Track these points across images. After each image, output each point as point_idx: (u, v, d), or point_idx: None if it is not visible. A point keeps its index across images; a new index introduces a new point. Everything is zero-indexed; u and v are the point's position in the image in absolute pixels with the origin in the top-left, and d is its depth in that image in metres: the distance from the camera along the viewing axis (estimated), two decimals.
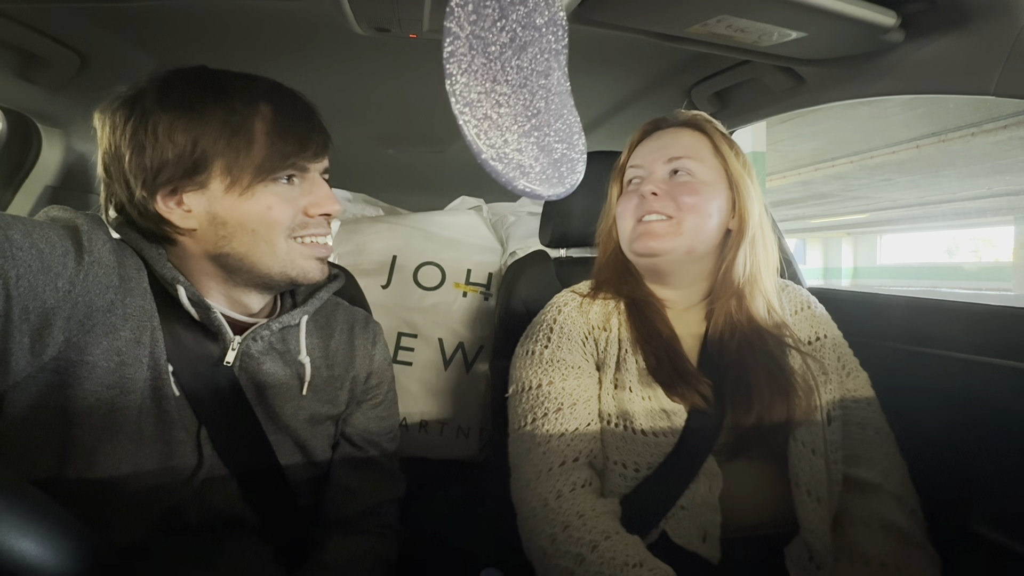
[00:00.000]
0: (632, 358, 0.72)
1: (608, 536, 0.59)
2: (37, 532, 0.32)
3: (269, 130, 0.59)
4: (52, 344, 0.50)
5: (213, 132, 0.56)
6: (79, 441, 0.52)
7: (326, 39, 0.95)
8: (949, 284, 12.16)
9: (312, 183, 0.63)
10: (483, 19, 0.46)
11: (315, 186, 0.63)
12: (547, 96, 0.49)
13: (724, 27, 0.67)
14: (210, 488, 0.60)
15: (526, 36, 0.47)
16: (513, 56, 0.47)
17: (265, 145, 0.58)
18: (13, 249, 0.45)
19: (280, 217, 0.60)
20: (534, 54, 0.48)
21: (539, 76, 0.48)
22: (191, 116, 0.56)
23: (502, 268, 1.24)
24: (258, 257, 0.60)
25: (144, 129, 0.56)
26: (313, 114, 0.64)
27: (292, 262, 0.62)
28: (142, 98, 0.57)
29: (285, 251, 0.61)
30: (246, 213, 0.58)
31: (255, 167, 0.58)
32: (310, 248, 0.63)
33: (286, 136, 0.59)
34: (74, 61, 0.89)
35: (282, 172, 0.60)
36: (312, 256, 0.64)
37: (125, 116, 0.57)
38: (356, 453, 0.74)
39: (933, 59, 0.68)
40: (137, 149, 0.56)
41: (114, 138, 0.57)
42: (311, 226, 0.63)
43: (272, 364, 0.65)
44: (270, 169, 0.58)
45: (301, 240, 0.63)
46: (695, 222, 0.72)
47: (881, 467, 0.70)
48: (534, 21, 0.47)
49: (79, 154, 1.10)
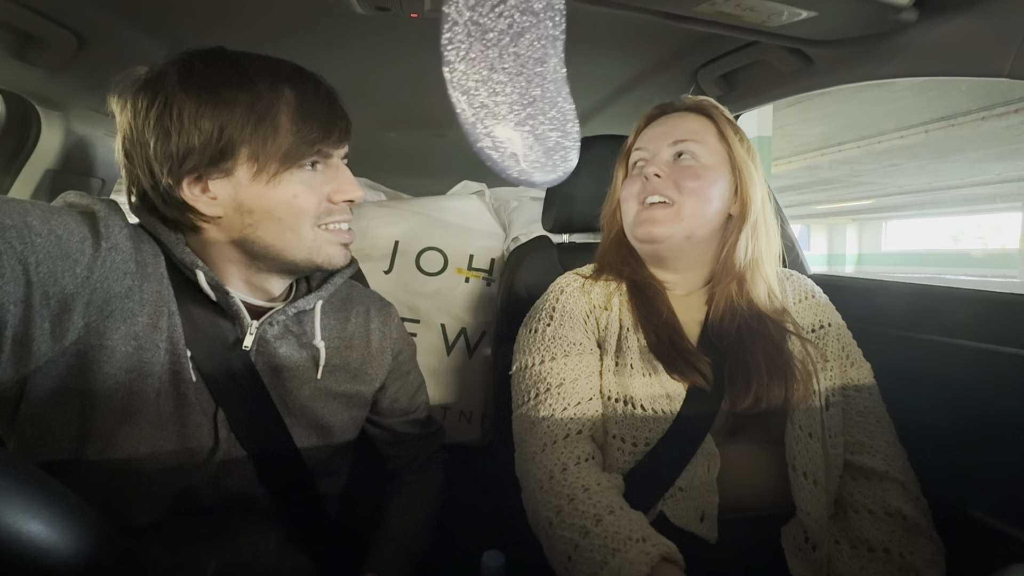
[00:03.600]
0: (633, 336, 0.73)
1: (612, 511, 0.60)
2: (45, 515, 0.32)
3: (294, 116, 0.58)
4: (72, 329, 0.50)
5: (240, 118, 0.55)
6: (98, 423, 0.53)
7: (326, 19, 0.94)
8: (954, 271, 12.08)
9: (335, 169, 0.63)
10: (482, 2, 0.45)
11: (338, 172, 0.63)
12: (543, 84, 0.48)
13: (732, 6, 0.66)
14: (226, 470, 0.61)
15: (523, 22, 0.47)
16: (510, 43, 0.47)
17: (291, 132, 0.57)
18: (32, 236, 0.45)
19: (306, 205, 0.60)
20: (531, 41, 0.47)
21: (535, 64, 0.48)
22: (216, 101, 0.55)
23: (504, 253, 1.23)
24: (284, 244, 0.61)
25: (169, 115, 0.54)
26: (335, 99, 0.63)
27: (318, 249, 0.62)
28: (164, 81, 0.55)
29: (311, 239, 0.61)
30: (273, 201, 0.58)
31: (282, 154, 0.57)
32: (335, 235, 0.64)
33: (310, 122, 0.58)
34: (72, 42, 0.88)
35: (307, 159, 0.59)
36: (337, 242, 0.64)
37: (147, 100, 0.55)
38: (395, 425, 0.81)
39: (947, 39, 0.67)
40: (163, 135, 0.55)
41: (136, 123, 0.56)
42: (335, 212, 0.63)
43: (288, 348, 0.66)
44: (297, 156, 0.58)
45: (326, 227, 0.63)
46: (696, 207, 0.72)
47: (884, 454, 0.71)
48: (532, 7, 0.47)
49: (79, 136, 1.09)
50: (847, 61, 0.82)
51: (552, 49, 0.48)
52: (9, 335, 0.45)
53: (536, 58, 0.48)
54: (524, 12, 0.47)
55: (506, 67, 0.47)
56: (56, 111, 1.03)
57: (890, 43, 0.73)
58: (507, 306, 0.98)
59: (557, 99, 0.50)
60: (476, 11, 0.46)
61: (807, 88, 0.94)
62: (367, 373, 0.74)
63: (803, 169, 7.88)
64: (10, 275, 0.43)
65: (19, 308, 0.45)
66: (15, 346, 0.46)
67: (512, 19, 0.47)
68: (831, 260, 15.29)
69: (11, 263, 0.43)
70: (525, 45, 0.47)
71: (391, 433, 0.82)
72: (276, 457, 0.64)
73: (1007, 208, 11.03)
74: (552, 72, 0.49)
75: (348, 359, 0.72)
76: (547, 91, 0.49)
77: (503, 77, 0.47)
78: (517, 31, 0.47)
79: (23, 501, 0.32)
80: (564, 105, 0.50)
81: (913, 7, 0.65)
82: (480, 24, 0.46)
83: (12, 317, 0.44)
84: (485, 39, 0.46)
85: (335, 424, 0.70)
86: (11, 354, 0.46)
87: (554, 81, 0.49)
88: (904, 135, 5.90)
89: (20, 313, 0.45)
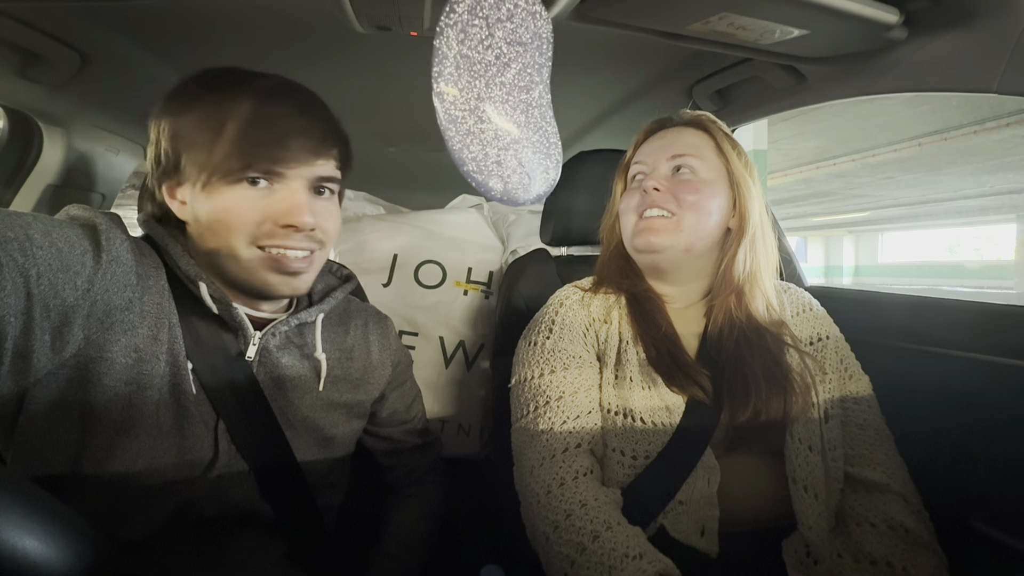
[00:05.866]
0: (633, 349, 0.73)
1: (610, 526, 0.60)
2: (40, 530, 0.32)
3: (243, 131, 0.56)
4: (72, 341, 0.50)
5: (189, 128, 0.58)
6: (97, 436, 0.53)
7: (327, 37, 0.95)
8: (951, 282, 12.13)
9: (291, 191, 0.58)
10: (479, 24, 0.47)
11: (293, 194, 0.58)
12: (528, 111, 0.50)
13: (726, 24, 0.67)
14: (226, 482, 0.61)
15: (511, 53, 0.48)
16: (498, 74, 0.48)
17: (233, 143, 0.56)
18: (34, 248, 0.45)
19: (237, 220, 0.57)
20: (518, 70, 0.49)
21: (521, 91, 0.49)
22: (182, 111, 0.58)
23: (503, 266, 1.24)
24: (223, 259, 0.59)
25: (157, 125, 0.60)
26: (309, 116, 0.59)
27: (254, 271, 0.59)
28: (165, 97, 0.61)
29: (247, 257, 0.58)
30: (208, 211, 0.58)
31: (215, 164, 0.56)
32: (275, 260, 0.59)
33: (260, 138, 0.56)
34: (75, 60, 0.89)
35: (246, 173, 0.56)
36: (276, 269, 0.59)
37: (155, 114, 0.61)
38: (393, 435, 0.82)
39: (936, 56, 0.68)
40: (153, 144, 0.60)
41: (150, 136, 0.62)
42: (278, 236, 0.58)
43: (290, 359, 0.66)
44: (233, 169, 0.56)
45: (267, 250, 0.59)
46: (695, 220, 0.72)
47: (884, 467, 0.70)
48: (519, 37, 0.48)
49: (80, 152, 1.10)
50: (839, 77, 0.83)
51: (533, 81, 0.50)
52: (9, 347, 0.45)
53: (520, 87, 0.50)
54: (509, 43, 0.48)
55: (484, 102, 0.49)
56: (58, 127, 1.04)
57: (881, 60, 0.75)
58: (505, 319, 0.98)
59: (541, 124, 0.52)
60: None
61: (800, 103, 0.96)
62: (368, 383, 0.75)
63: (799, 182, 7.95)
64: (11, 287, 0.43)
65: (20, 320, 0.45)
66: (15, 359, 0.46)
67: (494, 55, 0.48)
68: (828, 272, 15.34)
69: (12, 275, 0.43)
70: (505, 80, 0.49)
71: (389, 442, 0.82)
72: (276, 469, 0.64)
73: (1001, 220, 11.12)
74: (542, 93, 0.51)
75: (349, 370, 0.72)
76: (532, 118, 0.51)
77: (488, 108, 0.49)
78: (501, 63, 0.49)
79: (19, 516, 0.32)
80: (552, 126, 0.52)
81: (903, 25, 0.67)
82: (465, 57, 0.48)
83: (12, 329, 0.44)
84: (469, 73, 0.48)
85: (335, 436, 0.70)
86: (11, 367, 0.46)
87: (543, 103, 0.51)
88: (898, 148, 5.96)
89: (20, 325, 0.45)
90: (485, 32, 0.47)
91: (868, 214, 11.53)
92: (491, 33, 0.47)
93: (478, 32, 0.47)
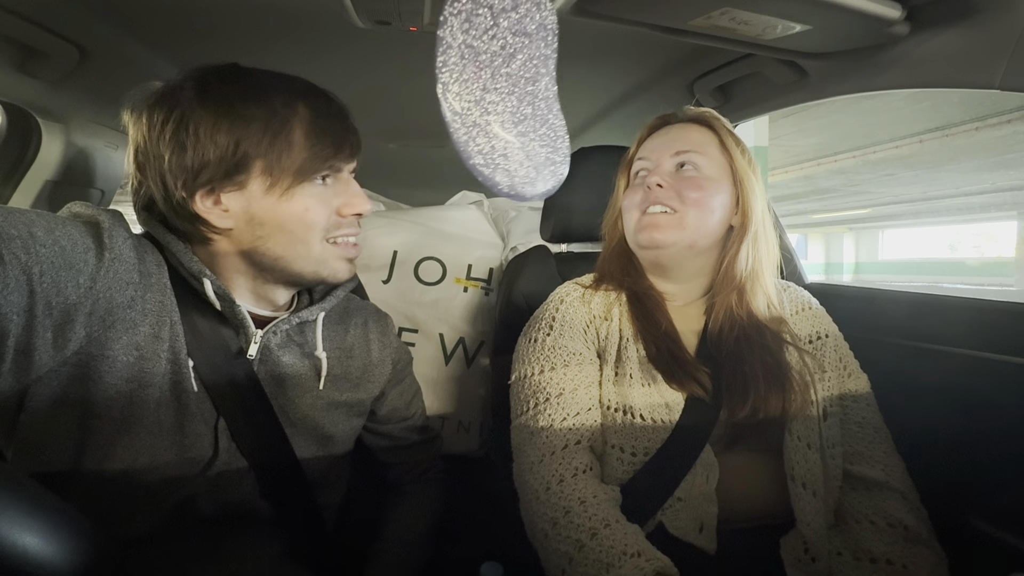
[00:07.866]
0: (633, 347, 0.73)
1: (608, 524, 0.60)
2: (40, 527, 0.32)
3: (308, 132, 0.59)
4: (74, 339, 0.50)
5: (255, 134, 0.57)
6: (97, 433, 0.53)
7: (326, 32, 0.95)
8: (951, 279, 12.13)
9: (345, 183, 0.64)
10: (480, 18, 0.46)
11: (348, 186, 0.65)
12: (534, 102, 0.50)
13: (727, 20, 0.67)
14: (226, 480, 0.61)
15: (516, 43, 0.48)
16: (503, 64, 0.48)
17: (305, 147, 0.59)
18: (36, 246, 0.45)
19: (317, 218, 0.61)
20: (523, 61, 0.48)
21: (527, 83, 0.49)
22: (233, 116, 0.56)
23: (503, 263, 1.24)
24: (292, 256, 0.62)
25: (186, 129, 0.55)
26: (347, 115, 0.64)
27: (325, 263, 0.63)
28: (180, 96, 0.56)
29: (319, 252, 0.62)
30: (284, 214, 0.59)
31: (295, 169, 0.59)
32: (342, 248, 0.65)
33: (323, 138, 0.60)
34: (73, 55, 0.89)
35: (319, 174, 0.61)
36: (343, 256, 0.65)
37: (163, 115, 0.56)
38: (393, 431, 0.81)
39: (938, 52, 0.68)
40: (178, 149, 0.56)
41: (150, 137, 0.57)
42: (344, 226, 0.64)
43: (290, 357, 0.66)
44: (310, 171, 0.59)
45: (334, 241, 0.64)
46: (698, 217, 0.72)
47: (883, 464, 0.70)
48: (524, 27, 0.48)
49: (79, 148, 1.10)
50: (841, 73, 0.83)
51: (539, 72, 0.50)
52: (11, 345, 0.45)
53: (526, 78, 0.49)
54: (514, 33, 0.48)
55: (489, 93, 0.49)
56: (57, 122, 1.04)
57: (883, 55, 0.74)
58: (505, 316, 0.98)
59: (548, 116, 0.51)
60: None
61: (802, 99, 0.96)
62: (368, 381, 0.75)
63: (799, 179, 7.94)
64: (14, 285, 0.43)
65: (22, 318, 0.45)
66: (17, 356, 0.46)
67: (499, 44, 0.48)
68: (829, 269, 15.34)
69: (15, 273, 0.43)
70: (511, 71, 0.48)
71: (389, 439, 0.82)
72: (276, 467, 0.64)
73: (1002, 217, 11.10)
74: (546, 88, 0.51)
75: (349, 368, 0.72)
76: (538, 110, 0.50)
77: (493, 98, 0.49)
78: (507, 53, 0.48)
79: (19, 513, 0.32)
80: (559, 120, 0.52)
81: (905, 21, 0.66)
82: (470, 47, 0.47)
83: (15, 327, 0.44)
84: (473, 65, 0.48)
85: (335, 434, 0.70)
86: (12, 364, 0.46)
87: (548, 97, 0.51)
88: (899, 145, 5.95)
89: (23, 323, 0.45)
90: (490, 21, 0.46)
91: (869, 211, 11.52)
92: (496, 23, 0.47)
93: (483, 22, 0.46)
